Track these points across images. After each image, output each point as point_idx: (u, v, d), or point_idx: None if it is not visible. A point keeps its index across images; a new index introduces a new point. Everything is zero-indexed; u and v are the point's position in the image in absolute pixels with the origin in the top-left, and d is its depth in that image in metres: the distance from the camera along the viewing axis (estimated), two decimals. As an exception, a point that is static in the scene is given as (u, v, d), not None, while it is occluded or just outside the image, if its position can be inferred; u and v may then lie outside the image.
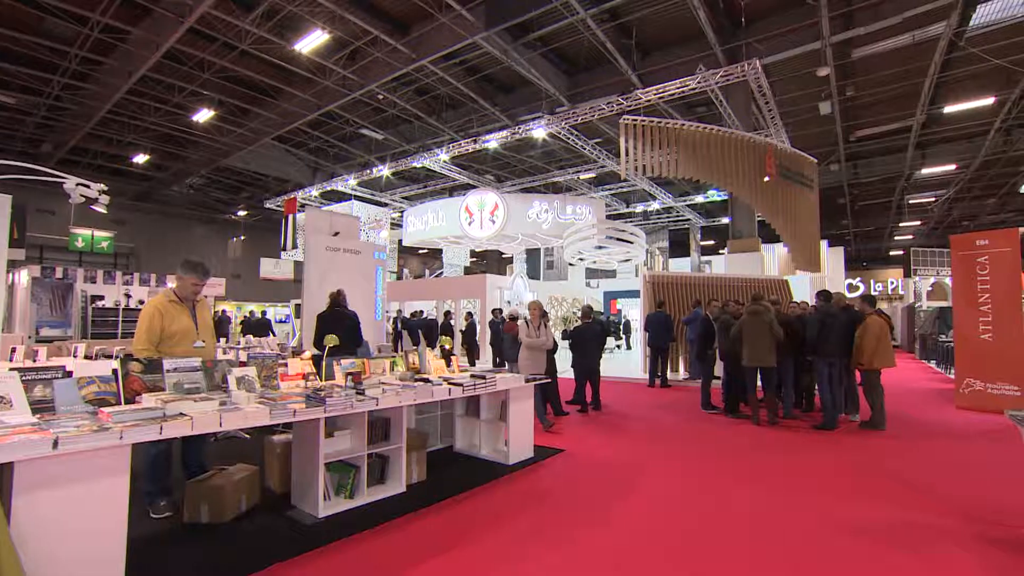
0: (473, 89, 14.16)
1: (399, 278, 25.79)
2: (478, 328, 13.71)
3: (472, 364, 12.56)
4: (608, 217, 19.78)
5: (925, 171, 18.65)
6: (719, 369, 8.03)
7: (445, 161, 17.41)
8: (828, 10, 9.85)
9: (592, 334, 7.91)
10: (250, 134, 16.69)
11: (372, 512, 3.76)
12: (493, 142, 14.97)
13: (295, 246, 14.43)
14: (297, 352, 5.94)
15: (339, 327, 5.41)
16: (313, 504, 3.66)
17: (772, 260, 18.56)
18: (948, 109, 14.04)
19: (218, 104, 14.78)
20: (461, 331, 13.78)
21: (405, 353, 5.20)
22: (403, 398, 4.06)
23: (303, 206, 19.12)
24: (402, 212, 22.31)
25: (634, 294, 13.29)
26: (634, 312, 12.29)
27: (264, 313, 18.29)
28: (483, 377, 4.85)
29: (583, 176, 20.05)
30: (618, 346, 20.89)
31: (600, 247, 15.63)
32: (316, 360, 4.34)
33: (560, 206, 16.99)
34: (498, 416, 5.39)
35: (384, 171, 17.98)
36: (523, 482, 4.64)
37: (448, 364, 5.41)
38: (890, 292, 31.90)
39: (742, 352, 6.93)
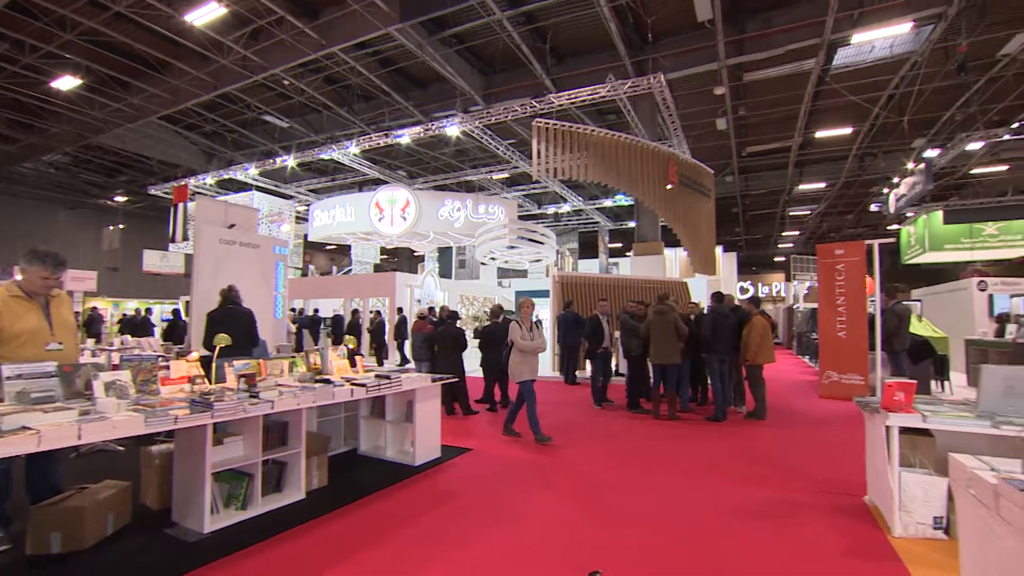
0: (386, 82, 13.75)
1: (304, 274, 24.47)
2: (387, 327, 13.34)
3: (380, 364, 12.20)
4: (520, 217, 20.06)
5: (802, 187, 20.89)
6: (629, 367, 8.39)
7: (355, 154, 16.78)
8: (724, 35, 10.70)
9: (501, 333, 7.97)
10: (130, 110, 14.91)
11: (268, 522, 3.51)
12: (406, 137, 14.64)
13: (185, 238, 13.12)
14: (183, 353, 5.42)
15: (232, 326, 5.01)
16: (198, 519, 3.34)
17: (674, 263, 19.85)
18: (819, 134, 15.83)
19: (86, 72, 13.02)
20: (368, 329, 13.34)
21: (306, 353, 4.93)
22: (302, 400, 3.84)
23: (196, 194, 17.50)
24: (308, 206, 21.16)
25: (545, 294, 13.60)
26: (545, 312, 12.58)
27: (148, 311, 16.47)
28: (388, 377, 4.71)
29: (496, 176, 20.20)
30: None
31: (512, 247, 15.82)
32: (205, 362, 3.98)
33: (473, 205, 16.99)
34: (404, 417, 5.27)
35: (289, 161, 16.93)
36: (430, 482, 4.57)
37: (352, 364, 5.20)
38: (775, 294, 35.32)
39: (648, 350, 7.33)
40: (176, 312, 14.23)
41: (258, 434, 3.69)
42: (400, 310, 13.22)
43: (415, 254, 24.32)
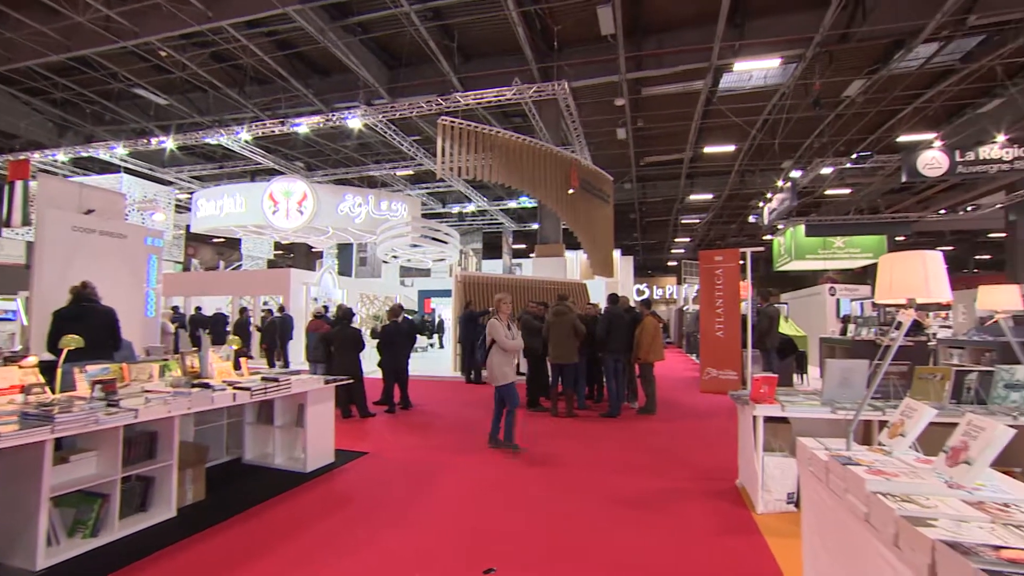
0: (283, 66, 12.84)
1: (186, 269, 22.25)
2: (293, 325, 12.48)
3: (272, 365, 11.39)
4: (424, 216, 19.76)
5: (693, 197, 22.62)
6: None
7: (247, 141, 15.51)
8: (625, 50, 11.29)
9: (401, 333, 7.81)
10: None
11: (125, 549, 3.11)
12: (304, 127, 13.81)
13: (27, 222, 11.22)
14: (15, 358, 4.66)
15: (86, 326, 4.40)
16: (28, 554, 2.84)
17: (575, 265, 20.61)
18: (707, 149, 17.25)
19: None
20: (259, 329, 12.41)
21: (182, 355, 4.46)
22: (174, 407, 3.46)
23: (41, 172, 15.15)
24: (191, 194, 19.22)
25: (448, 293, 13.51)
26: (448, 311, 12.51)
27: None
28: (276, 380, 4.40)
29: (400, 172, 19.70)
30: (431, 344, 21.06)
31: (415, 245, 15.53)
32: (49, 368, 3.46)
33: (375, 201, 16.44)
34: (295, 421, 4.96)
35: (167, 143, 15.23)
36: (322, 489, 4.35)
37: (237, 367, 4.80)
38: (668, 296, 37.89)
39: (547, 350, 7.51)
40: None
41: (117, 448, 3.26)
42: (282, 308, 12.40)
43: (313, 250, 23.02)
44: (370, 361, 8.01)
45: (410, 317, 11.37)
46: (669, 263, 40.27)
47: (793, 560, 3.02)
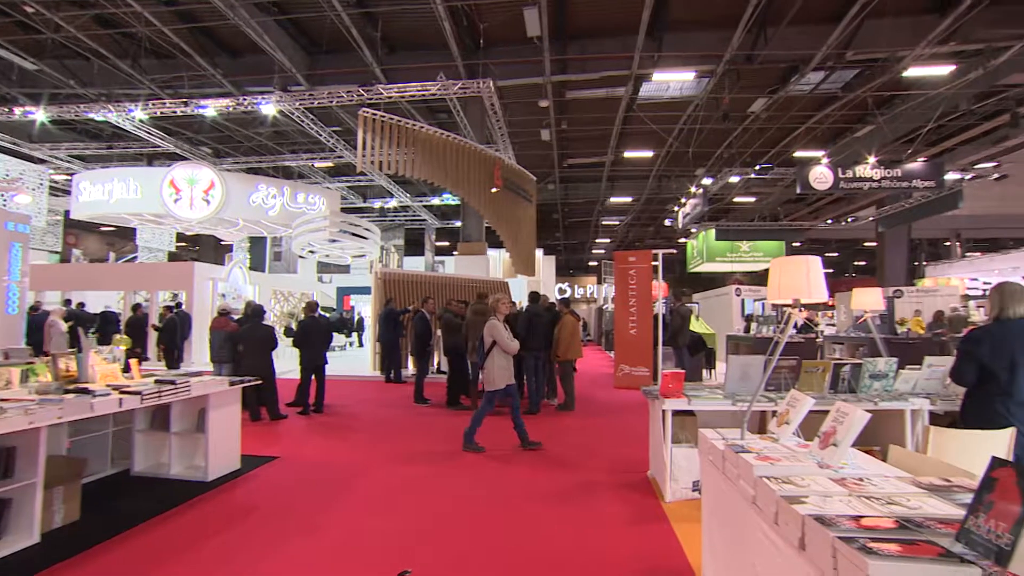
0: (187, 41, 11.78)
1: (65, 260, 19.95)
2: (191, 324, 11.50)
3: (172, 367, 10.46)
4: (343, 210, 19.04)
5: (613, 199, 23.48)
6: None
7: (142, 120, 14.10)
8: (550, 53, 11.48)
9: (318, 330, 7.48)
10: None
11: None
12: (211, 110, 12.80)
13: None
14: None
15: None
16: None
17: (497, 263, 20.73)
18: (627, 153, 17.97)
19: None
20: (156, 327, 11.36)
21: (54, 357, 3.97)
22: (38, 417, 3.06)
23: None
24: (71, 175, 17.20)
25: (368, 291, 13.10)
26: (368, 309, 12.11)
27: None
28: (172, 382, 4.04)
29: (319, 164, 18.85)
30: (351, 343, 20.36)
31: (333, 240, 14.92)
32: None
33: (291, 193, 15.60)
34: (195, 427, 4.59)
35: (37, 115, 13.43)
36: (225, 498, 4.06)
37: (126, 369, 4.37)
38: (588, 296, 39.08)
39: (467, 348, 7.48)
40: None
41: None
42: (177, 305, 11.45)
43: (222, 243, 21.42)
44: (283, 361, 7.59)
45: (326, 315, 10.92)
46: (590, 263, 41.62)
47: (696, 544, 3.19)
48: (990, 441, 2.62)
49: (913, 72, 11.02)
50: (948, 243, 22.02)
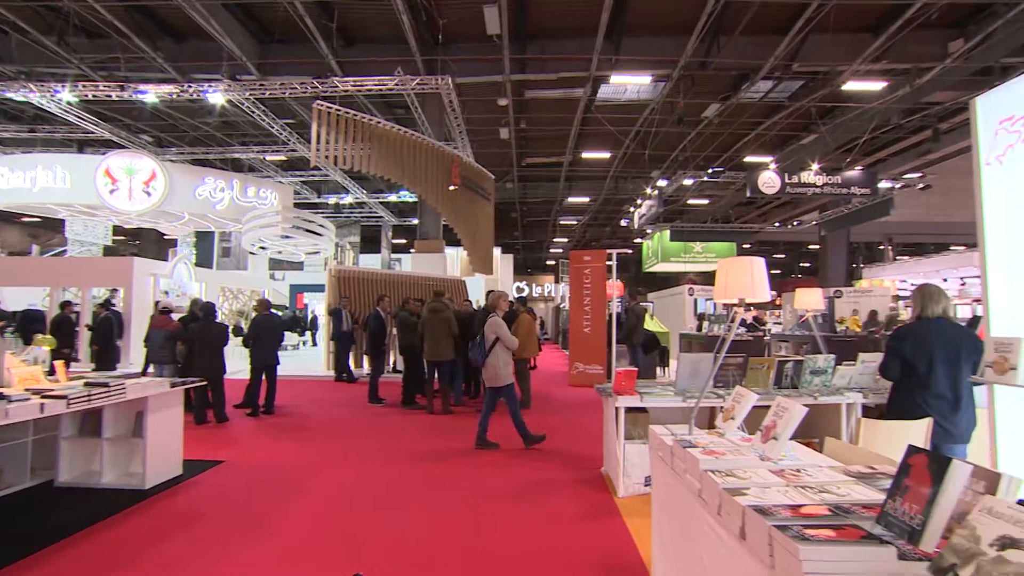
0: (124, 20, 11.06)
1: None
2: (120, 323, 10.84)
3: (108, 369, 9.84)
4: (296, 205, 18.44)
5: (571, 199, 23.73)
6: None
7: (70, 103, 13.14)
8: (510, 52, 11.48)
9: (270, 328, 7.24)
10: None
11: None
12: (151, 95, 12.11)
13: None
14: None
15: None
16: None
17: (455, 262, 20.60)
18: (585, 154, 18.20)
19: None
20: (89, 328, 10.67)
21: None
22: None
23: None
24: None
25: (322, 288, 12.76)
26: (321, 307, 11.78)
27: None
28: (105, 385, 3.80)
29: (271, 157, 18.17)
30: (304, 342, 19.80)
31: (286, 236, 14.45)
32: None
33: (240, 186, 15.00)
34: (131, 431, 4.34)
35: (-60, 93, 12.24)
36: (165, 506, 3.87)
37: (51, 372, 4.08)
38: (546, 294, 39.39)
39: (422, 347, 7.38)
40: None
41: None
42: (107, 303, 10.78)
43: (165, 237, 20.34)
44: (232, 360, 7.31)
45: (278, 313, 10.56)
46: (548, 262, 41.96)
47: (647, 538, 3.27)
48: (911, 431, 2.81)
49: (851, 86, 11.71)
50: (882, 247, 23.42)
